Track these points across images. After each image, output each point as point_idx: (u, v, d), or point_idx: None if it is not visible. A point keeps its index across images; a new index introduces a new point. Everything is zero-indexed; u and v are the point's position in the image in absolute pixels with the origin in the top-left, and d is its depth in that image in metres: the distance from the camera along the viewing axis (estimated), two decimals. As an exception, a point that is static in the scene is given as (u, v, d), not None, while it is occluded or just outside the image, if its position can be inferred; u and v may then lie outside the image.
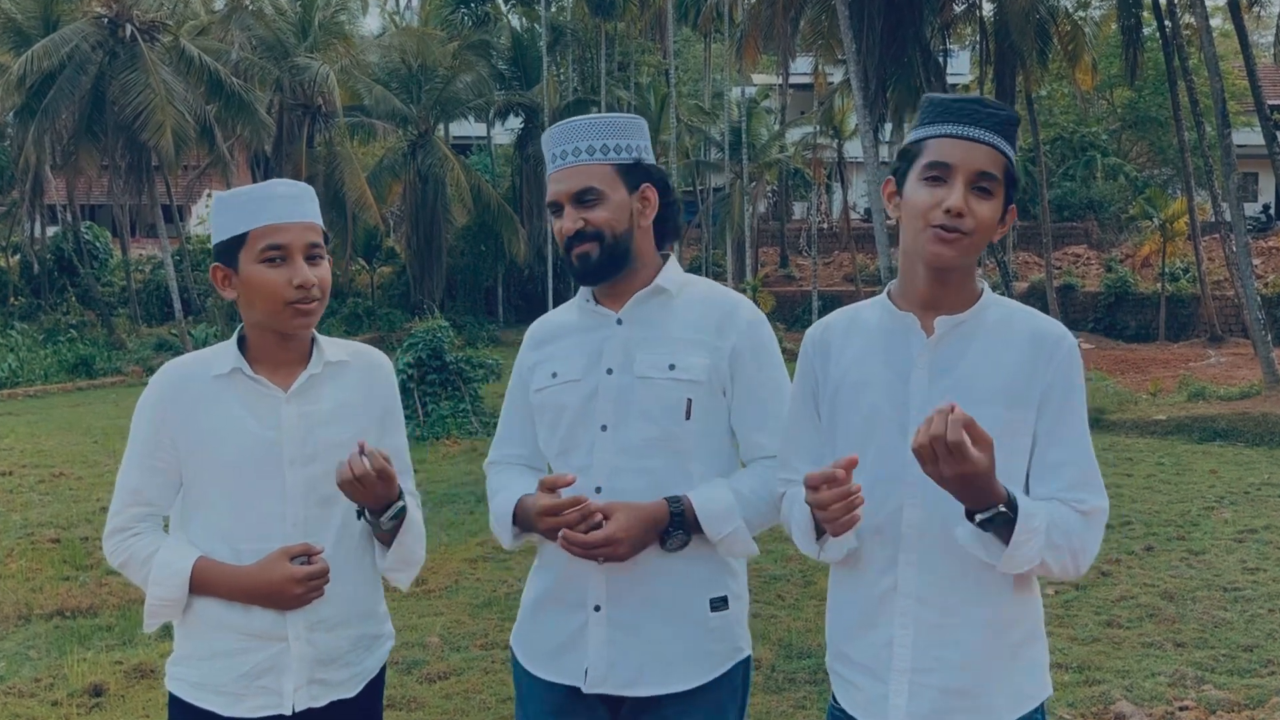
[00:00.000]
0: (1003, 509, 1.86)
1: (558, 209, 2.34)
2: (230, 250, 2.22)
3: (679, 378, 2.30)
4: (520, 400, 2.48)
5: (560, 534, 2.21)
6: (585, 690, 2.31)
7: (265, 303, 2.21)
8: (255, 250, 2.20)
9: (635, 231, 2.34)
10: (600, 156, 2.32)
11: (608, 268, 2.33)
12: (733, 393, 2.35)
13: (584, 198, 2.31)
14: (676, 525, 2.26)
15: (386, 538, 2.32)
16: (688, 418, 2.30)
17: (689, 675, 2.30)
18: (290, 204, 2.22)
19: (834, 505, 1.89)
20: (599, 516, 2.20)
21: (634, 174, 2.35)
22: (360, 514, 2.28)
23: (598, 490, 2.29)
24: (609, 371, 2.34)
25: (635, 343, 2.34)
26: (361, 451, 2.13)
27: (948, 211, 1.94)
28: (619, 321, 2.37)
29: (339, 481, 2.15)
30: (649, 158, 2.40)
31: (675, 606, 2.30)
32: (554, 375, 2.39)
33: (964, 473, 1.78)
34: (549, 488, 2.23)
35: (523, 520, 2.37)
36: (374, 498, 2.19)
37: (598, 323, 2.39)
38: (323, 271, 2.25)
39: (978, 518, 1.88)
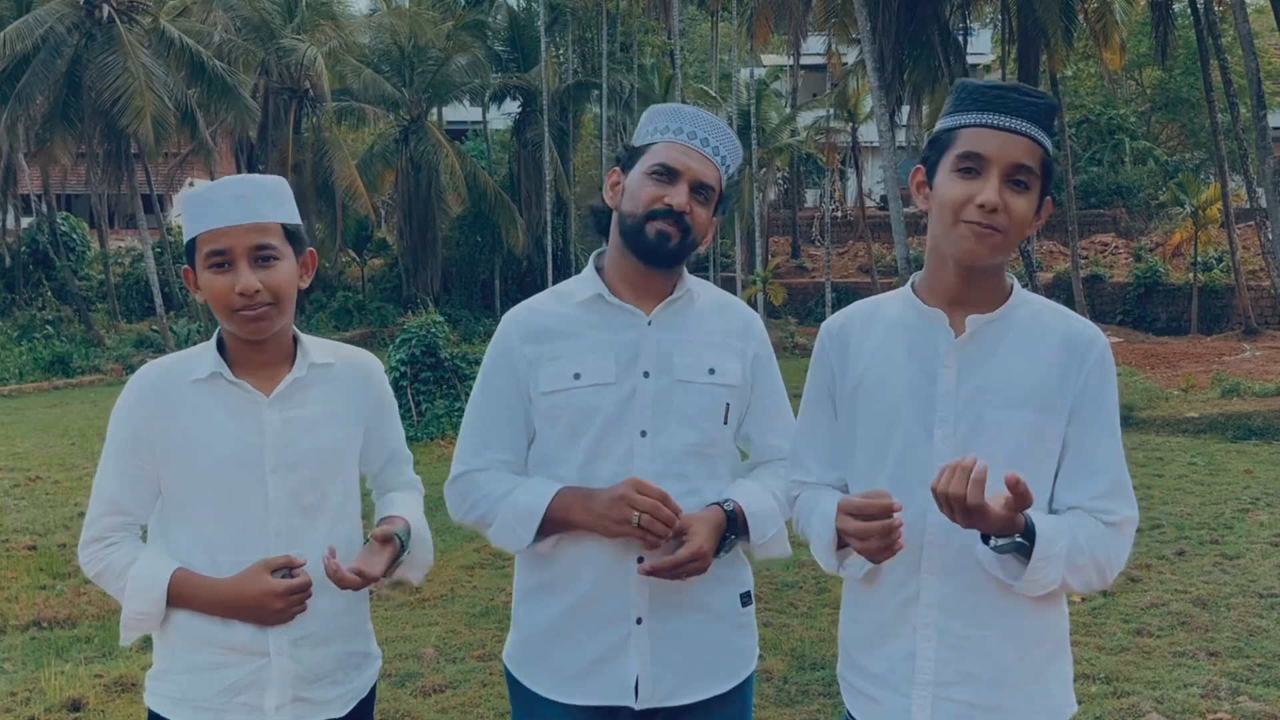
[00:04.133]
0: (1019, 538, 1.85)
1: (671, 177, 2.31)
2: (190, 254, 2.23)
3: (719, 382, 2.34)
4: (509, 399, 2.39)
5: (646, 559, 2.23)
6: (637, 707, 2.32)
7: (217, 309, 2.20)
8: (202, 256, 2.19)
9: (699, 245, 2.39)
10: (721, 166, 2.38)
11: (674, 259, 2.33)
12: (751, 397, 2.42)
13: (703, 190, 2.34)
14: (731, 530, 2.28)
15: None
16: (725, 422, 2.35)
17: (724, 677, 2.36)
18: (234, 205, 2.18)
19: (872, 539, 1.87)
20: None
21: (723, 200, 2.42)
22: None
23: None
24: (645, 375, 2.32)
25: (671, 345, 2.34)
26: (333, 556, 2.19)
27: (981, 207, 1.90)
28: (649, 323, 2.35)
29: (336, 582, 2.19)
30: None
31: (713, 608, 2.34)
32: (576, 376, 2.33)
33: (980, 525, 1.80)
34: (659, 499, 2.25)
35: (561, 524, 2.29)
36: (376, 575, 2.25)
37: (625, 321, 2.35)
38: (275, 274, 2.19)
39: (992, 543, 1.87)
